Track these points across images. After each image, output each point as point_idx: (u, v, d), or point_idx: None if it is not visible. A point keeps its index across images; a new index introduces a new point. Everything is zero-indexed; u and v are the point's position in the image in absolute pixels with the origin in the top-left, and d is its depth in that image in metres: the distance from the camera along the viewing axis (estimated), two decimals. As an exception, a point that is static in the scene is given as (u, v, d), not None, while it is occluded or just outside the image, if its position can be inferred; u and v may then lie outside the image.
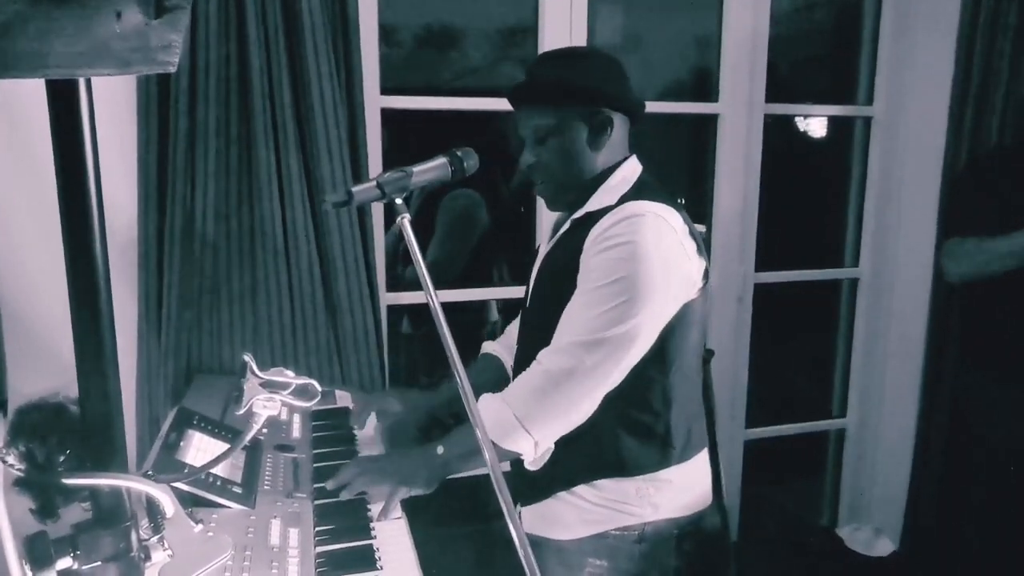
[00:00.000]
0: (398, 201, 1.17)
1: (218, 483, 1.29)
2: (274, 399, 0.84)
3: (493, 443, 1.27)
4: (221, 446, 1.43)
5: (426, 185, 1.24)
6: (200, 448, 1.37)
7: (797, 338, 3.05)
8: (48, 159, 0.70)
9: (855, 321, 2.73)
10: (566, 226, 1.43)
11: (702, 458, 1.46)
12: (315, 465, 1.50)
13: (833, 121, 2.77)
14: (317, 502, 1.35)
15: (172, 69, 0.68)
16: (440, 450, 1.36)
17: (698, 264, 1.36)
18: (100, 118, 0.71)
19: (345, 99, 1.87)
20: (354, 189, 1.16)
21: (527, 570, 0.94)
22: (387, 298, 2.14)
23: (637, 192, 1.37)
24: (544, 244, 1.55)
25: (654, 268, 1.26)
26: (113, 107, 1.74)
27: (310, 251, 1.89)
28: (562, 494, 1.40)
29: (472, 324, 2.86)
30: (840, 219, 2.78)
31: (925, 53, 2.43)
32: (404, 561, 1.20)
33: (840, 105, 2.67)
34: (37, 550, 0.72)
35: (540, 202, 2.23)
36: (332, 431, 1.68)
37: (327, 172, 1.85)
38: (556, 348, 1.29)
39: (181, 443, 1.37)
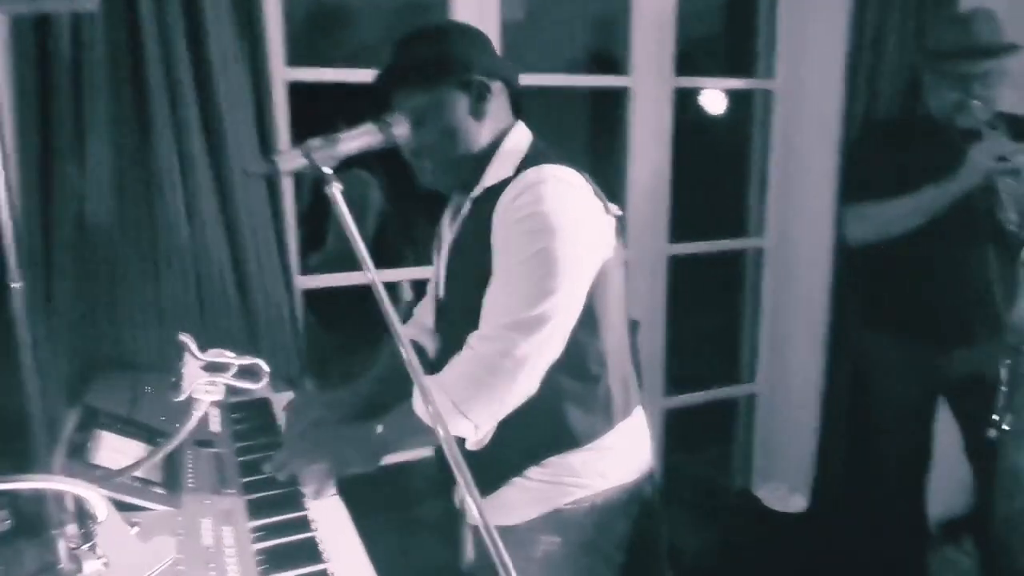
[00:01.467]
0: (326, 170, 1.10)
1: (137, 484, 1.17)
2: (217, 383, 0.76)
3: (430, 427, 1.26)
4: (136, 446, 1.31)
5: (354, 153, 1.18)
6: (113, 449, 1.25)
7: (705, 308, 3.13)
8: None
9: (762, 289, 2.82)
10: (467, 207, 1.39)
11: (640, 417, 1.47)
12: (240, 459, 1.40)
13: (735, 94, 2.84)
14: (247, 497, 1.26)
15: (92, 8, 0.59)
16: (379, 428, 1.32)
17: (607, 220, 1.35)
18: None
19: (250, 70, 1.74)
20: (278, 157, 1.08)
21: (492, 551, 0.90)
22: (301, 281, 2.03)
23: (533, 158, 1.33)
24: (447, 228, 1.49)
25: (566, 234, 1.24)
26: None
27: (217, 232, 1.75)
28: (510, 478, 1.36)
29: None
30: (743, 190, 2.86)
31: (821, 28, 2.52)
32: (350, 549, 1.14)
33: (744, 79, 2.73)
34: (-53, 570, 0.62)
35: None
36: (252, 423, 1.58)
37: (233, 144, 1.72)
38: (485, 333, 1.26)
39: (88, 444, 1.25)
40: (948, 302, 2.20)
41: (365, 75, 2.13)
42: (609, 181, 2.58)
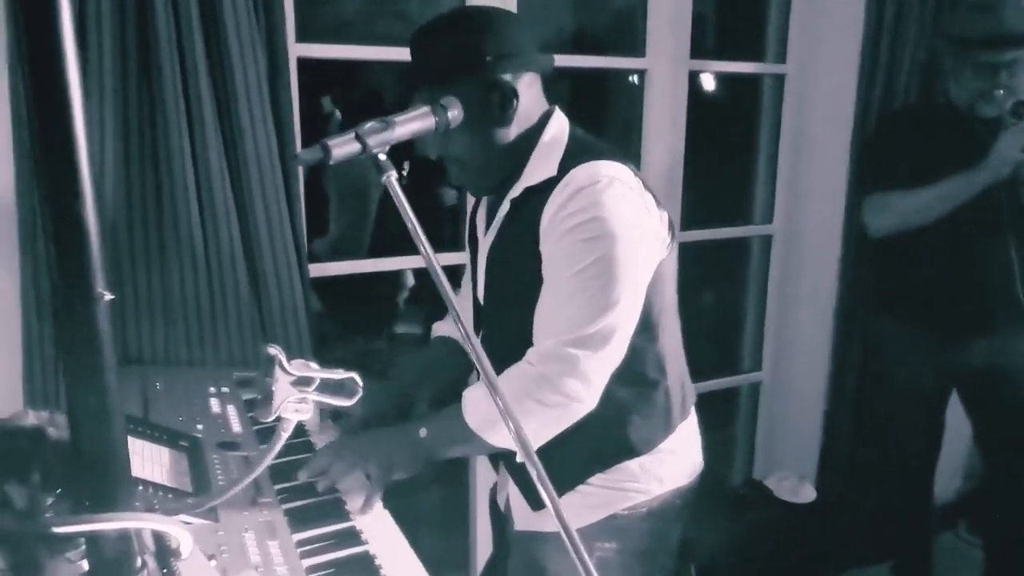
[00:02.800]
0: (382, 157, 1.01)
1: (169, 496, 1.09)
2: (307, 401, 0.68)
3: (478, 435, 1.20)
4: (160, 451, 1.22)
5: (409, 138, 1.09)
6: (144, 457, 1.15)
7: (710, 295, 3.10)
8: None
9: (768, 277, 2.79)
10: (505, 208, 1.30)
11: (694, 416, 1.42)
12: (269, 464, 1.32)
13: (745, 79, 2.78)
14: (285, 506, 1.18)
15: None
16: (423, 432, 1.25)
17: (660, 218, 1.28)
18: None
19: (266, 47, 1.63)
20: (331, 143, 0.99)
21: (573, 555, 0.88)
22: (311, 269, 1.93)
23: (577, 153, 1.24)
24: (483, 231, 1.40)
25: (625, 240, 1.17)
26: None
27: (229, 219, 1.66)
28: None
29: (388, 293, 2.70)
30: (751, 176, 2.82)
31: (836, 11, 2.47)
32: (407, 564, 1.07)
33: (756, 63, 2.67)
34: (24, 626, 0.54)
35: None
36: (276, 422, 1.49)
37: (247, 128, 1.62)
38: (544, 351, 1.18)
39: (113, 451, 1.15)
40: (967, 291, 2.18)
41: (374, 52, 2.06)
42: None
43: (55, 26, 0.49)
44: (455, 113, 1.13)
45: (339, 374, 0.71)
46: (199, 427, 1.38)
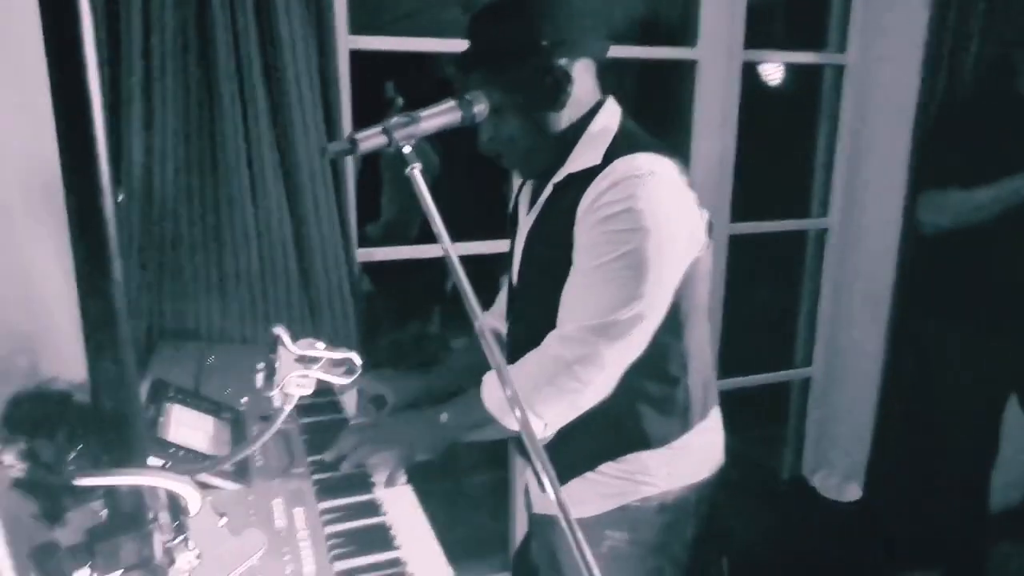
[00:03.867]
0: (406, 150, 1.06)
1: (207, 462, 1.17)
2: (308, 378, 0.74)
3: (495, 420, 1.23)
4: (204, 419, 1.31)
5: (434, 132, 1.14)
6: (183, 423, 1.25)
7: (764, 288, 3.06)
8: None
9: (823, 271, 2.74)
10: (548, 191, 1.30)
11: (716, 417, 1.41)
12: (305, 436, 1.40)
13: (804, 69, 2.73)
14: (316, 477, 1.26)
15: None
16: (444, 417, 1.29)
17: (700, 217, 1.26)
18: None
19: (316, 38, 1.71)
20: (358, 136, 1.05)
21: (574, 546, 0.87)
22: (359, 254, 2.01)
23: (623, 145, 1.24)
24: (524, 212, 1.42)
25: (658, 235, 1.16)
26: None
27: (280, 205, 1.74)
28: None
29: (437, 280, 2.76)
30: (809, 169, 2.76)
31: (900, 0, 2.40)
32: (421, 537, 1.13)
33: (815, 52, 2.62)
34: (49, 563, 0.61)
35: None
36: (315, 398, 1.56)
37: (298, 119, 1.69)
38: (565, 334, 1.20)
39: (160, 419, 1.25)
40: (1028, 293, 2.11)
41: (426, 44, 2.11)
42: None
43: (77, 34, 0.55)
44: (481, 108, 1.16)
45: (340, 353, 0.76)
46: (243, 400, 1.47)
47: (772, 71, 2.77)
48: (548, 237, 1.29)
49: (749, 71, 2.47)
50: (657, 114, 2.88)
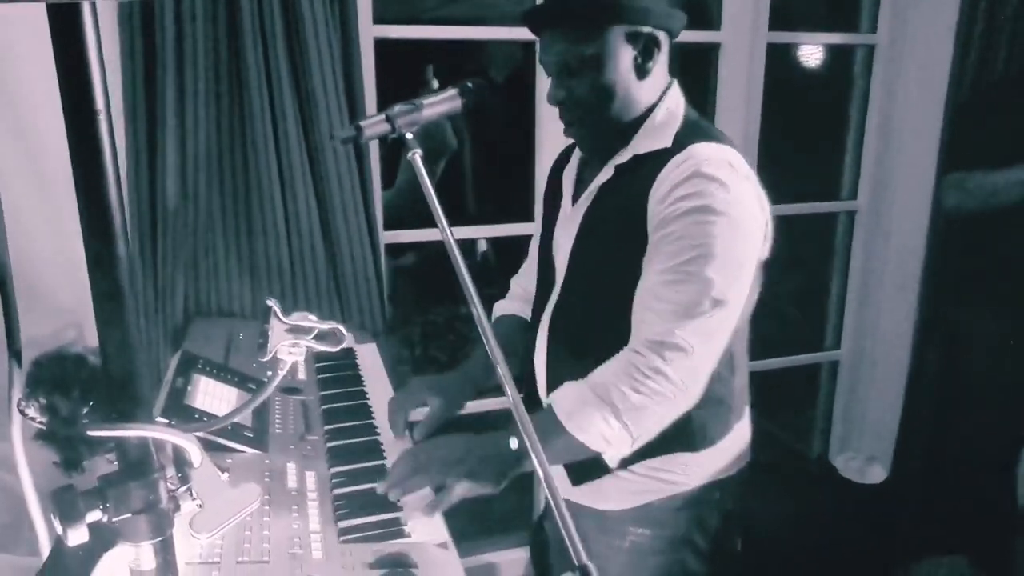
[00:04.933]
0: (408, 136, 1.12)
1: (230, 427, 1.27)
2: (299, 345, 0.82)
3: (580, 442, 1.14)
4: (228, 390, 1.41)
5: (436, 119, 1.19)
6: (208, 393, 1.35)
7: (793, 270, 3.05)
8: (45, 97, 0.65)
9: (851, 254, 2.72)
10: (608, 174, 1.24)
11: (746, 418, 1.40)
12: (323, 407, 1.49)
13: (833, 49, 2.71)
14: (330, 444, 1.34)
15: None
16: (514, 444, 1.14)
17: (768, 211, 1.21)
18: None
19: (340, 28, 1.78)
20: (363, 123, 1.11)
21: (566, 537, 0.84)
22: (385, 236, 2.09)
23: (692, 131, 1.20)
24: (569, 198, 1.34)
25: (741, 230, 1.12)
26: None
27: (306, 188, 1.83)
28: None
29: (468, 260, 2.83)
30: (839, 151, 2.74)
31: (931, -22, 2.36)
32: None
33: (843, 33, 2.60)
34: (66, 504, 0.70)
35: (540, 131, 2.17)
36: (337, 372, 1.66)
37: (323, 107, 1.78)
38: (657, 339, 1.12)
39: (188, 388, 1.35)
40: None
41: (450, 32, 2.17)
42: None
43: (80, 38, 0.63)
44: (483, 95, 1.22)
45: (328, 324, 0.84)
46: (269, 373, 1.56)
47: (806, 52, 2.76)
48: (611, 223, 1.23)
49: (781, 53, 2.47)
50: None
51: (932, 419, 2.58)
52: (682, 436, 1.24)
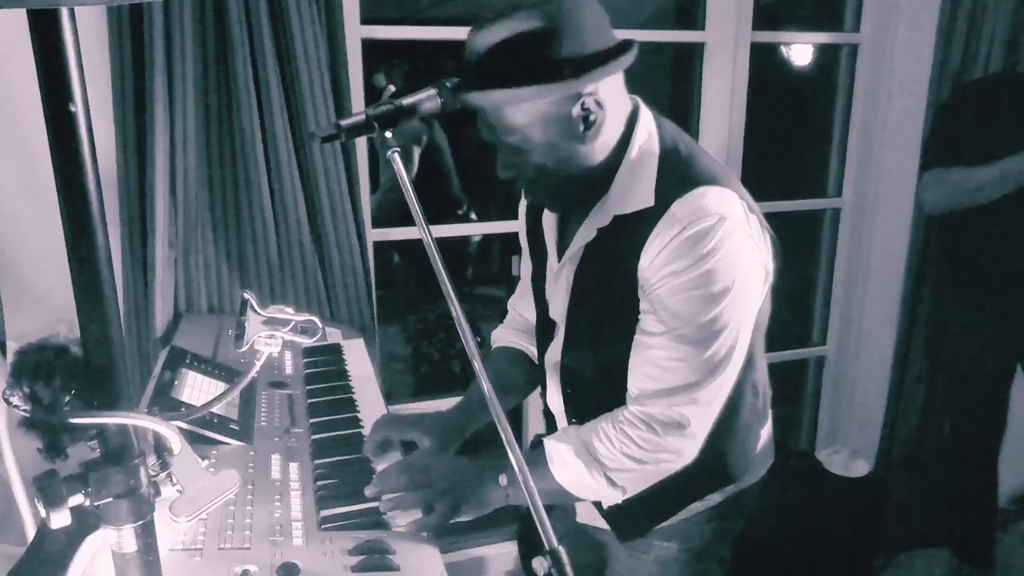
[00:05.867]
0: (387, 135, 1.14)
1: (215, 420, 1.30)
2: (275, 337, 0.85)
3: (566, 491, 1.16)
4: (215, 384, 1.44)
5: (416, 117, 1.22)
6: (195, 387, 1.38)
7: (783, 267, 3.08)
8: (34, 97, 0.68)
9: (837, 250, 2.76)
10: (590, 235, 1.17)
11: (769, 423, 1.40)
12: (309, 401, 1.52)
13: (817, 48, 2.74)
14: (314, 436, 1.37)
15: (160, -2, 0.65)
16: (504, 480, 1.15)
17: (767, 241, 1.17)
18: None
19: (326, 30, 1.81)
20: (343, 122, 1.12)
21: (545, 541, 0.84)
22: (373, 234, 2.12)
23: (673, 176, 1.10)
24: (553, 247, 1.28)
25: (737, 292, 1.07)
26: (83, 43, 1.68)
27: (294, 186, 1.86)
28: None
29: (467, 260, 2.86)
30: (824, 149, 2.78)
31: (913, -22, 2.40)
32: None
33: (827, 32, 2.63)
34: (49, 488, 0.73)
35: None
36: (324, 367, 1.69)
37: (309, 107, 1.81)
38: (648, 409, 1.12)
39: (175, 382, 1.38)
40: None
41: (437, 32, 2.20)
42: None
43: (59, 42, 0.66)
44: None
45: (303, 316, 0.87)
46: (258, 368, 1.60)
47: (791, 51, 2.79)
48: (603, 286, 1.18)
49: (767, 52, 2.49)
50: (667, 95, 2.92)
51: (916, 414, 2.62)
52: (717, 474, 1.24)
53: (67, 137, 0.68)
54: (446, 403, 1.49)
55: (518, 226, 1.43)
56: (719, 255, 1.04)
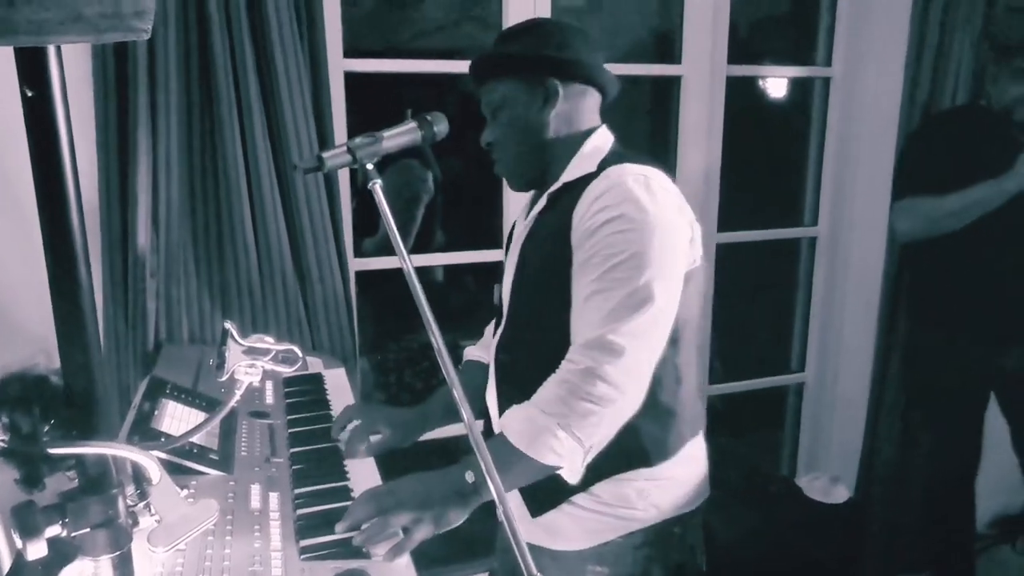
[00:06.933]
0: (369, 166, 1.16)
1: (195, 450, 1.30)
2: (256, 366, 0.85)
3: (533, 459, 1.15)
4: (196, 414, 1.44)
5: (396, 150, 1.24)
6: (175, 417, 1.37)
7: (758, 296, 3.13)
8: (13, 130, 0.69)
9: (813, 278, 2.80)
10: (542, 202, 1.36)
11: (702, 445, 1.42)
12: (290, 431, 1.52)
13: (792, 82, 2.81)
14: (295, 466, 1.37)
15: (145, 35, 0.67)
16: (470, 476, 1.16)
17: (695, 225, 1.30)
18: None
19: (309, 63, 1.84)
20: (325, 155, 1.15)
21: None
22: (355, 264, 2.13)
23: (617, 158, 1.30)
24: (520, 225, 1.46)
25: (660, 231, 1.19)
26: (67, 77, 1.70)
27: (277, 217, 1.87)
28: (563, 505, 1.32)
29: (444, 289, 2.88)
30: (800, 179, 2.84)
31: (882, 14, 2.47)
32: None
33: (799, 66, 2.70)
34: (25, 519, 0.73)
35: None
36: (305, 397, 1.69)
37: (292, 138, 1.83)
38: (588, 343, 1.17)
39: (155, 412, 1.38)
40: (1002, 296, 2.16)
41: (420, 65, 2.24)
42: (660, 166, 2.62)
43: (46, 77, 0.67)
44: (440, 127, 1.26)
45: (283, 346, 0.88)
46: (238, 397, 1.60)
47: (766, 85, 2.86)
48: (542, 247, 1.32)
49: (743, 85, 2.56)
50: (648, 126, 2.98)
51: (894, 439, 2.64)
52: (635, 450, 1.27)
53: (50, 172, 0.70)
54: (429, 434, 1.55)
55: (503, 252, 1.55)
56: (642, 199, 1.20)
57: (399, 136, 1.21)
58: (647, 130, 3.13)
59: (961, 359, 2.27)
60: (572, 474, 1.21)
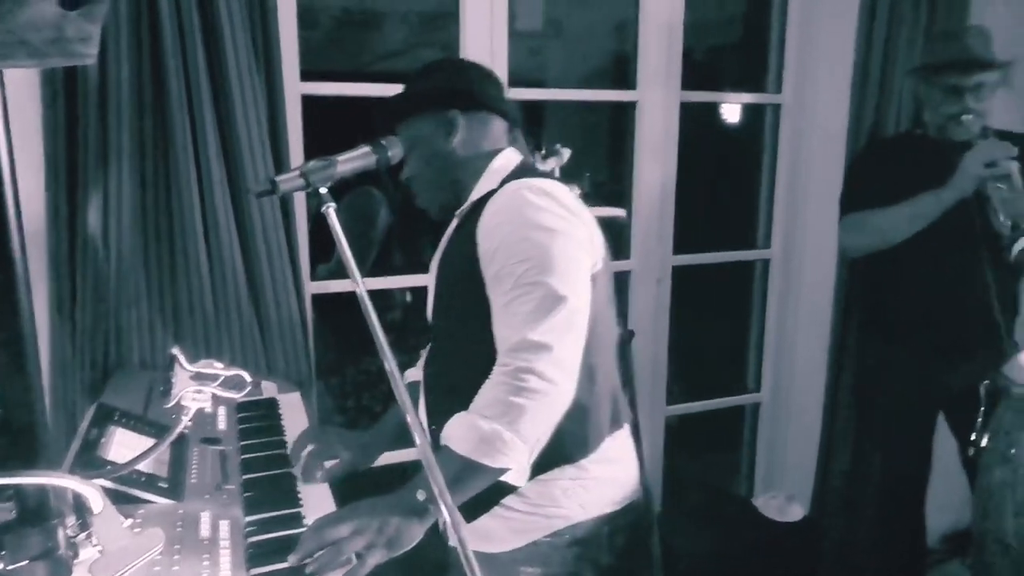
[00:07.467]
0: (323, 190, 1.17)
1: (143, 478, 1.26)
2: (203, 391, 0.84)
3: (480, 464, 1.15)
4: (145, 441, 1.40)
5: (350, 174, 1.24)
6: (123, 444, 1.34)
7: (714, 317, 3.17)
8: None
9: (767, 300, 2.85)
10: (453, 223, 1.46)
11: (627, 442, 1.46)
12: (243, 457, 1.49)
13: (745, 108, 2.88)
14: (247, 494, 1.35)
15: (91, 61, 0.67)
16: (421, 495, 1.15)
17: (595, 230, 1.36)
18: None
19: (264, 86, 1.84)
20: (278, 179, 1.15)
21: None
22: (312, 287, 2.12)
23: (519, 174, 1.39)
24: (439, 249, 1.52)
25: (560, 230, 1.25)
26: (12, 92, 1.67)
27: (231, 241, 1.85)
28: (494, 508, 1.34)
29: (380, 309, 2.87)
30: (753, 202, 2.90)
31: (829, 43, 2.55)
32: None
33: (751, 92, 2.77)
34: (-40, 553, 0.71)
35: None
36: (259, 422, 1.67)
37: (248, 161, 1.82)
38: (515, 345, 1.19)
39: (102, 440, 1.34)
40: (947, 313, 2.23)
41: (377, 89, 2.24)
42: (618, 190, 2.66)
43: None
44: (395, 152, 1.28)
45: (231, 371, 0.87)
46: (188, 423, 1.57)
47: (720, 110, 2.93)
48: (454, 263, 1.40)
49: (697, 111, 2.62)
50: (606, 150, 3.03)
51: (847, 456, 2.69)
52: (555, 448, 1.25)
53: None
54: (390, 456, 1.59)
55: None
56: (538, 204, 1.27)
57: (353, 160, 1.23)
58: (606, 153, 3.19)
59: (909, 377, 2.32)
60: (519, 475, 1.22)
